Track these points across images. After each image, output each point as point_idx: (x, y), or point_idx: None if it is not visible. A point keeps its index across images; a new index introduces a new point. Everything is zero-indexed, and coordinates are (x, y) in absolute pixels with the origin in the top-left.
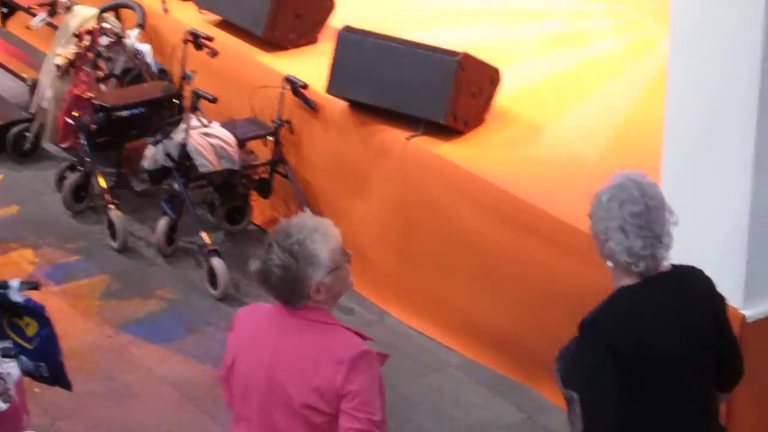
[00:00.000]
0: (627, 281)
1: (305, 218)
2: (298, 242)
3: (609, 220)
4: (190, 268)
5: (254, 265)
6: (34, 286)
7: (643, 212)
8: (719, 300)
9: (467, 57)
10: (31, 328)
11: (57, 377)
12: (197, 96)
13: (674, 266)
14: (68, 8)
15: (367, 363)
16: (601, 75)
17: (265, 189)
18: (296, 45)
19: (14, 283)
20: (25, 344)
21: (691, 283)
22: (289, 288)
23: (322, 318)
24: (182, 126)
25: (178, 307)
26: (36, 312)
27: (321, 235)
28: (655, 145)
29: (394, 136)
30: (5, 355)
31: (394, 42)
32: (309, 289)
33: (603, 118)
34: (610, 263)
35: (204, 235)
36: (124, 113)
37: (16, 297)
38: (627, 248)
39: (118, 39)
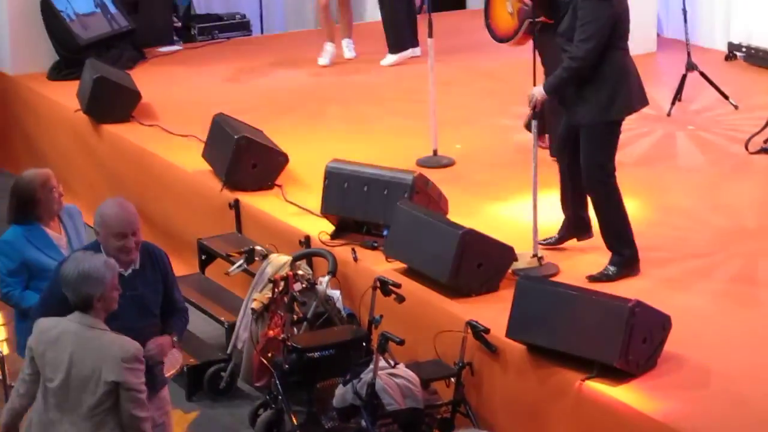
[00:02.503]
0: None
1: None
2: None
3: None
4: None
5: None
6: None
7: None
8: None
9: (639, 304)
10: None
11: None
12: (386, 339)
13: None
14: (264, 256)
15: None
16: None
17: (447, 427)
18: (478, 292)
19: None
20: None
21: None
22: None
23: None
24: (371, 366)
25: None
26: None
27: None
28: None
29: (570, 377)
30: None
31: (569, 289)
32: None
33: None
34: None
35: None
36: (316, 354)
37: None
38: None
39: (311, 285)
